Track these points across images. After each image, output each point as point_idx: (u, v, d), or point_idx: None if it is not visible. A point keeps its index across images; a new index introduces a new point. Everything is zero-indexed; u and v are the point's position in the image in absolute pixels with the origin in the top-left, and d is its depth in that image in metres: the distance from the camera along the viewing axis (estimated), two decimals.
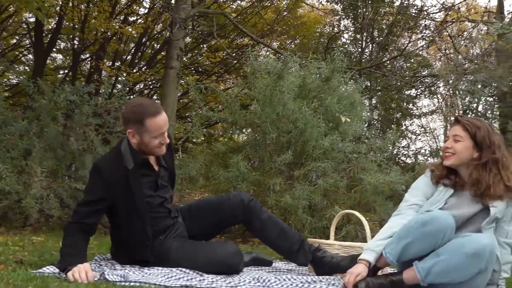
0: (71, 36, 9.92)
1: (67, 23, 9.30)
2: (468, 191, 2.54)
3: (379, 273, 2.52)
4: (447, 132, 2.76)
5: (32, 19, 9.31)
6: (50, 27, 10.24)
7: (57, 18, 9.25)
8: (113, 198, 2.71)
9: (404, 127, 13.36)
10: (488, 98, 6.40)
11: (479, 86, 6.03)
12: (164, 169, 2.93)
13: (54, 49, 10.40)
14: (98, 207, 2.71)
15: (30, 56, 11.25)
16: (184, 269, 2.63)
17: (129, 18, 10.31)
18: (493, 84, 5.72)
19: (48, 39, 9.48)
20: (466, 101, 6.83)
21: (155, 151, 2.78)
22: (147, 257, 2.78)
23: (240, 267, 2.76)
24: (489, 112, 6.78)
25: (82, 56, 10.34)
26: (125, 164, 2.73)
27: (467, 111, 7.11)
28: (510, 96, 5.71)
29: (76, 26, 9.14)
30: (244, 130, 5.69)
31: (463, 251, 2.25)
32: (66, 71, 11.35)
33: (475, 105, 7.13)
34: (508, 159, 2.55)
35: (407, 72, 12.59)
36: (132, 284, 2.35)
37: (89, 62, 10.56)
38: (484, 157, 2.51)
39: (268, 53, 11.54)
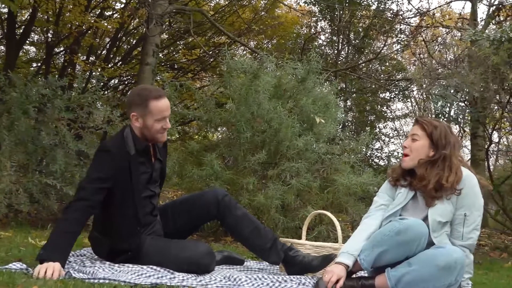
0: (45, 28, 9.73)
1: (41, 15, 9.12)
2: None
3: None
4: None
5: (5, 10, 9.09)
6: (23, 18, 10.04)
7: (30, 10, 9.07)
8: (115, 180, 2.71)
9: (377, 129, 13.54)
10: (460, 103, 6.50)
11: (452, 91, 6.11)
12: (159, 162, 2.95)
13: (27, 41, 10.19)
14: (104, 186, 2.69)
15: (2, 47, 11.01)
16: (155, 267, 2.62)
17: (105, 12, 10.17)
18: (465, 89, 5.81)
19: (21, 31, 9.28)
20: (438, 105, 6.92)
21: (157, 137, 2.81)
22: (133, 246, 2.75)
23: (211, 268, 2.75)
24: (460, 116, 6.90)
25: (56, 50, 10.14)
26: (127, 150, 2.76)
27: (440, 115, 7.22)
28: (481, 101, 5.81)
29: (50, 18, 8.97)
30: (218, 129, 5.69)
31: (435, 263, 2.28)
32: (39, 64, 11.13)
33: (447, 109, 7.24)
34: (458, 162, 2.54)
35: (382, 75, 12.76)
36: (101, 281, 2.33)
37: (63, 56, 10.37)
38: (437, 155, 2.53)
39: (244, 52, 11.55)
